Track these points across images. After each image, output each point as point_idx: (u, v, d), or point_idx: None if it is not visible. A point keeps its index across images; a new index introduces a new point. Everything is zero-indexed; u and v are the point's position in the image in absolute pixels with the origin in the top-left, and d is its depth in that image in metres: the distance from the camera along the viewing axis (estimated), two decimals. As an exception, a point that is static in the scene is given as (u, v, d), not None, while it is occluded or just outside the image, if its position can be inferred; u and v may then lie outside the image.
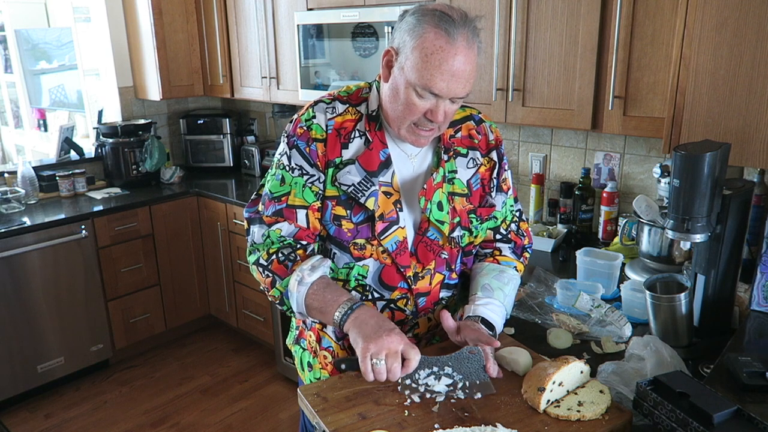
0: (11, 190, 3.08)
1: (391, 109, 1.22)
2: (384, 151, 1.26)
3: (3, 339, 2.82)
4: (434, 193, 1.28)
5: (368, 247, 1.27)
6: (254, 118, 3.96)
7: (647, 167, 2.28)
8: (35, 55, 5.32)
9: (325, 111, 1.27)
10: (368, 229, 1.26)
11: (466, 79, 1.15)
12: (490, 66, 2.22)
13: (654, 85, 1.86)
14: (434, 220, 1.28)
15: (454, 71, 1.12)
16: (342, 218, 1.26)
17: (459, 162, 1.33)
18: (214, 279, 3.55)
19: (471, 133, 1.36)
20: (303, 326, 1.45)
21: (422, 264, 1.30)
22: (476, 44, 1.16)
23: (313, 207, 1.27)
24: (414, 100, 1.16)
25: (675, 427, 1.01)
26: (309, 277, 1.21)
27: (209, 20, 3.46)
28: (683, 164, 1.34)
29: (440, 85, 1.13)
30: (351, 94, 1.30)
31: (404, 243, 1.28)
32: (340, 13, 2.64)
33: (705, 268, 1.46)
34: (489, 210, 1.38)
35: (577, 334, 1.54)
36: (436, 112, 1.17)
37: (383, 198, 1.25)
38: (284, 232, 1.26)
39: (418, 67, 1.13)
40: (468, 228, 1.35)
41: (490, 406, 1.11)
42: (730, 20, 1.50)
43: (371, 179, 1.25)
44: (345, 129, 1.26)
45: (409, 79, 1.15)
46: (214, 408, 2.96)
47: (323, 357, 1.39)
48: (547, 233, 2.36)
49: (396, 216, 1.26)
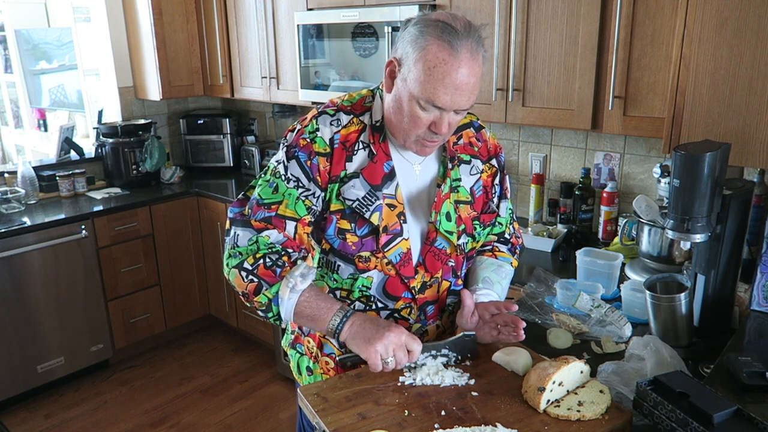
0: (11, 190, 3.08)
1: (395, 120, 1.21)
2: (388, 164, 1.25)
3: (3, 339, 2.82)
4: (443, 204, 1.29)
5: (373, 260, 1.26)
6: (254, 118, 3.96)
7: (647, 167, 2.28)
8: (35, 55, 5.32)
9: (330, 124, 1.23)
10: (373, 241, 1.25)
11: (471, 91, 1.13)
12: (490, 66, 2.22)
13: (654, 85, 1.86)
14: (443, 231, 1.29)
15: (458, 84, 1.11)
16: (347, 231, 1.24)
17: (462, 170, 1.33)
18: (214, 279, 3.55)
19: (471, 141, 1.36)
20: (299, 332, 1.43)
21: (430, 273, 1.31)
22: (481, 54, 1.13)
23: (303, 221, 1.23)
24: (418, 113, 1.15)
25: (675, 427, 1.01)
26: (301, 285, 1.19)
27: (209, 20, 3.46)
28: (683, 164, 1.34)
29: (444, 99, 1.12)
30: (354, 104, 1.27)
31: (408, 254, 1.28)
32: (340, 13, 2.64)
33: (705, 268, 1.46)
34: (491, 216, 1.39)
35: (577, 334, 1.54)
36: (440, 125, 1.16)
37: (387, 210, 1.24)
38: (273, 239, 1.22)
39: (420, 80, 1.11)
40: (472, 235, 1.35)
41: (490, 406, 1.11)
42: (730, 20, 1.50)
43: (375, 193, 1.23)
44: (349, 141, 1.24)
45: (412, 92, 1.14)
46: (214, 408, 2.96)
47: (325, 363, 1.38)
48: (547, 233, 2.36)
49: (400, 228, 1.26)
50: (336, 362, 1.35)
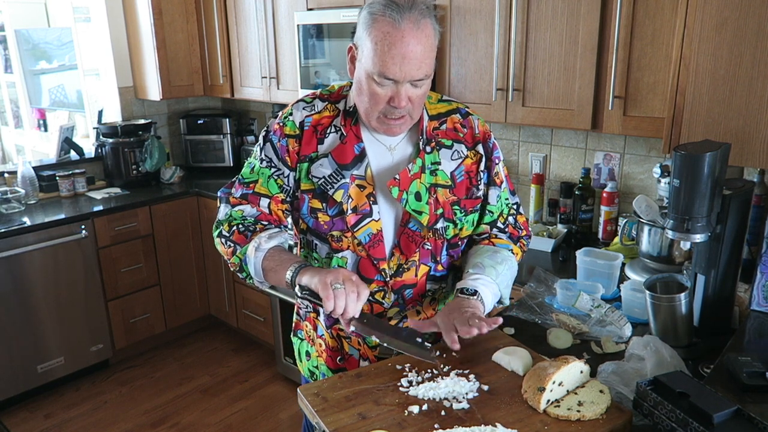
0: (11, 190, 3.08)
1: (359, 102, 1.26)
2: (358, 145, 1.30)
3: (3, 339, 2.82)
4: (411, 183, 1.29)
5: (344, 239, 1.31)
6: (254, 118, 3.96)
7: (647, 167, 2.28)
8: (35, 55, 5.32)
9: (302, 109, 1.33)
10: (342, 222, 1.29)
11: (420, 60, 1.17)
12: (490, 66, 2.23)
13: (654, 85, 1.86)
14: (410, 210, 1.29)
15: (405, 53, 1.15)
16: (318, 211, 1.31)
17: (443, 154, 1.34)
18: (214, 279, 3.55)
19: (456, 126, 1.37)
20: (298, 318, 1.51)
21: (405, 255, 1.31)
22: (429, 24, 1.18)
23: (276, 198, 1.33)
24: (375, 89, 1.20)
25: (675, 427, 1.01)
26: (266, 244, 1.27)
27: (209, 20, 3.46)
28: (683, 164, 1.34)
29: (393, 69, 1.16)
30: (333, 93, 1.36)
31: (378, 236, 1.30)
32: (340, 13, 2.64)
33: (705, 268, 1.46)
34: (474, 202, 1.38)
35: (577, 334, 1.54)
36: (398, 98, 1.19)
37: (356, 191, 1.28)
38: (246, 213, 1.34)
39: (371, 56, 1.18)
40: (452, 220, 1.35)
41: (490, 406, 1.11)
42: (730, 20, 1.50)
43: (342, 172, 1.29)
44: (322, 125, 1.31)
45: (366, 70, 1.20)
46: (214, 408, 2.96)
47: (319, 345, 1.43)
48: (547, 233, 2.36)
49: (369, 209, 1.29)
50: (326, 345, 1.41)
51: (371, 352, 1.37)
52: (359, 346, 1.38)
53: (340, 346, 1.40)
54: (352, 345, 1.38)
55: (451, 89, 2.37)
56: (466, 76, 2.32)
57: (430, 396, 1.13)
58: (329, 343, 1.40)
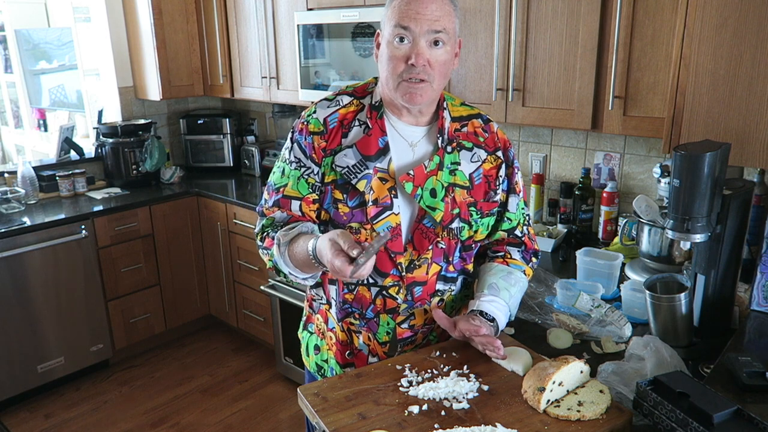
0: (11, 190, 3.08)
1: (383, 78, 1.28)
2: (383, 139, 1.31)
3: (3, 339, 2.82)
4: (427, 179, 1.30)
5: (363, 232, 1.30)
6: (254, 118, 3.96)
7: (647, 167, 2.28)
8: (35, 55, 5.32)
9: (327, 107, 1.34)
10: (362, 213, 1.30)
11: (437, 14, 1.20)
12: (490, 66, 2.23)
13: (654, 85, 1.86)
14: (425, 206, 1.30)
15: (421, 4, 1.19)
16: (339, 202, 1.31)
17: (463, 155, 1.35)
18: (214, 279, 3.55)
19: (477, 131, 1.38)
20: (311, 311, 1.52)
21: (418, 251, 1.32)
22: None
23: (306, 199, 1.33)
24: (394, 52, 1.23)
25: (675, 427, 1.01)
26: (285, 238, 1.28)
27: (209, 20, 3.46)
28: (683, 164, 1.34)
29: (410, 16, 1.19)
30: (357, 88, 1.37)
31: (397, 229, 1.30)
32: (340, 13, 2.64)
33: (705, 268, 1.46)
34: (491, 205, 1.39)
35: (577, 334, 1.54)
36: (417, 53, 1.20)
37: (378, 183, 1.29)
38: (277, 219, 1.35)
39: (390, 16, 1.23)
40: (468, 221, 1.36)
41: (490, 406, 1.11)
42: (730, 20, 1.50)
43: (366, 163, 1.29)
44: (347, 119, 1.32)
45: (386, 36, 1.24)
46: (214, 408, 2.96)
47: (329, 338, 1.44)
48: (547, 233, 2.36)
49: (390, 202, 1.29)
50: (336, 338, 1.42)
51: (381, 348, 1.38)
52: (369, 341, 1.38)
53: (350, 341, 1.40)
54: (362, 340, 1.39)
55: (451, 89, 2.37)
56: (466, 76, 2.32)
57: (430, 396, 1.13)
58: (339, 337, 1.41)
